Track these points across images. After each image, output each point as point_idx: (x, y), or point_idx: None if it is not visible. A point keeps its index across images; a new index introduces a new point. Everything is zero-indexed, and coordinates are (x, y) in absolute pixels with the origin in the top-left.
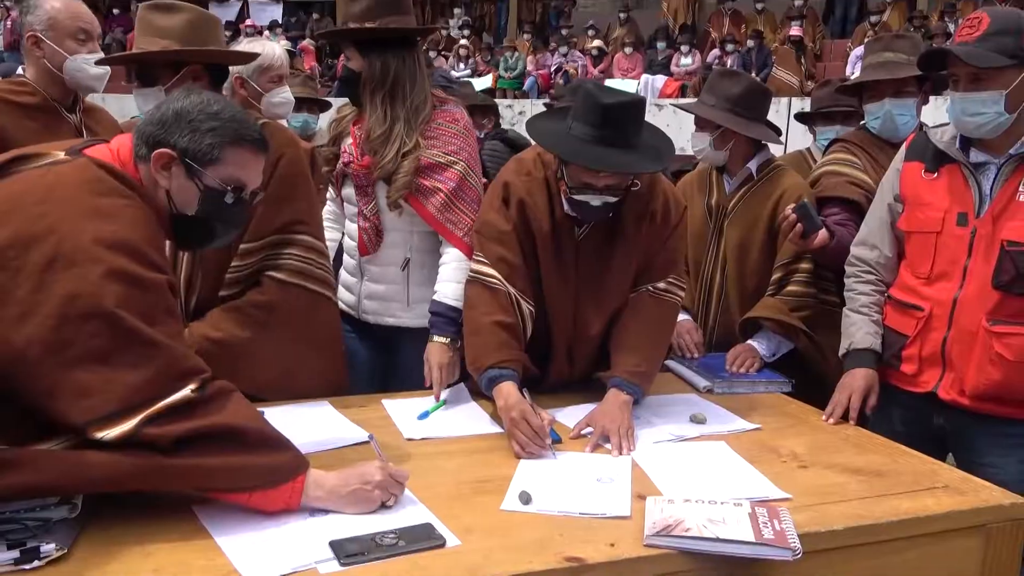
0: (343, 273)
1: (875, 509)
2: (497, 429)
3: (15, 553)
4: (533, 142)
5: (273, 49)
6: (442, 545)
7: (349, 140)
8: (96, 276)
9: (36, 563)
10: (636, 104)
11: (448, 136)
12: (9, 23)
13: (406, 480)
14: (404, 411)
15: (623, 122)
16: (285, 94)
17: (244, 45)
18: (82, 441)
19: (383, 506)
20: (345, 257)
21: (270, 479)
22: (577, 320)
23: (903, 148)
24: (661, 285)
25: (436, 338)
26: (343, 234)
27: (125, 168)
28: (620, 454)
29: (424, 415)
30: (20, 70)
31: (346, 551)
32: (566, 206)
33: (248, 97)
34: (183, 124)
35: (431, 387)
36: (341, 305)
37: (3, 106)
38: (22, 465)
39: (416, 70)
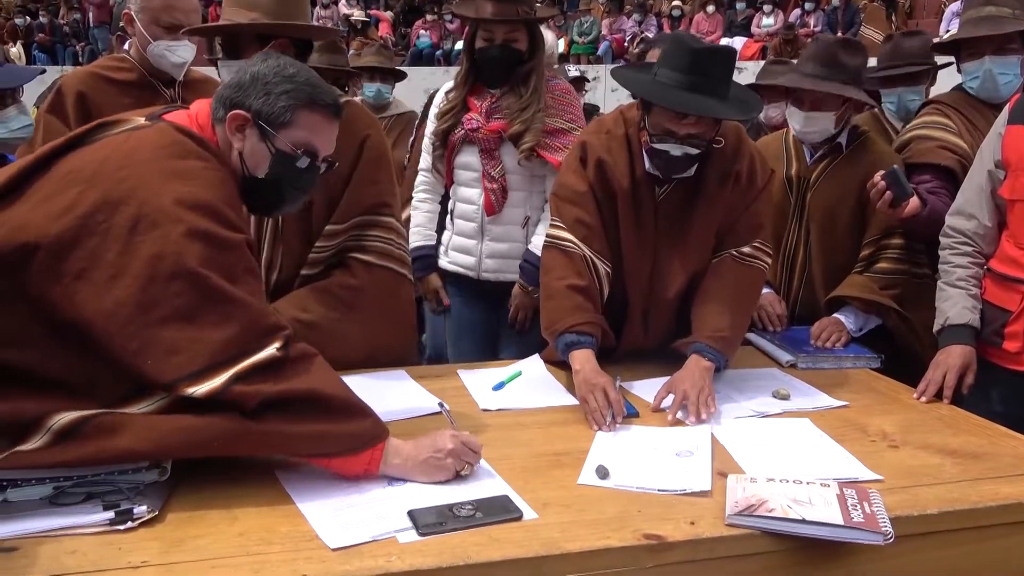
0: (456, 238)
1: (972, 493)
2: (573, 401)
3: (110, 514)
4: None
5: None
6: (519, 518)
7: (467, 111)
8: (178, 236)
9: (130, 523)
10: (726, 52)
11: (564, 105)
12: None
13: (480, 449)
14: (480, 381)
15: (711, 69)
16: None
17: None
18: (173, 402)
19: (458, 475)
20: (458, 222)
21: (351, 446)
22: (654, 281)
23: (1006, 110)
24: (746, 250)
25: (521, 282)
26: (444, 202)
27: (203, 132)
28: (697, 420)
29: (499, 386)
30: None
31: (424, 521)
32: (646, 161)
33: None
34: (258, 86)
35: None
36: (454, 268)
37: (101, 83)
38: (119, 430)
39: None
